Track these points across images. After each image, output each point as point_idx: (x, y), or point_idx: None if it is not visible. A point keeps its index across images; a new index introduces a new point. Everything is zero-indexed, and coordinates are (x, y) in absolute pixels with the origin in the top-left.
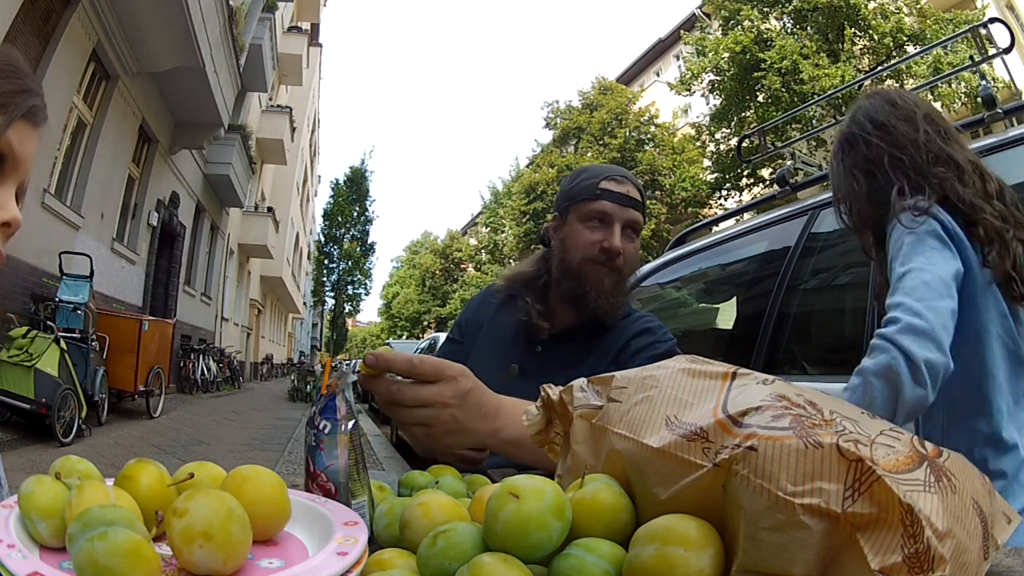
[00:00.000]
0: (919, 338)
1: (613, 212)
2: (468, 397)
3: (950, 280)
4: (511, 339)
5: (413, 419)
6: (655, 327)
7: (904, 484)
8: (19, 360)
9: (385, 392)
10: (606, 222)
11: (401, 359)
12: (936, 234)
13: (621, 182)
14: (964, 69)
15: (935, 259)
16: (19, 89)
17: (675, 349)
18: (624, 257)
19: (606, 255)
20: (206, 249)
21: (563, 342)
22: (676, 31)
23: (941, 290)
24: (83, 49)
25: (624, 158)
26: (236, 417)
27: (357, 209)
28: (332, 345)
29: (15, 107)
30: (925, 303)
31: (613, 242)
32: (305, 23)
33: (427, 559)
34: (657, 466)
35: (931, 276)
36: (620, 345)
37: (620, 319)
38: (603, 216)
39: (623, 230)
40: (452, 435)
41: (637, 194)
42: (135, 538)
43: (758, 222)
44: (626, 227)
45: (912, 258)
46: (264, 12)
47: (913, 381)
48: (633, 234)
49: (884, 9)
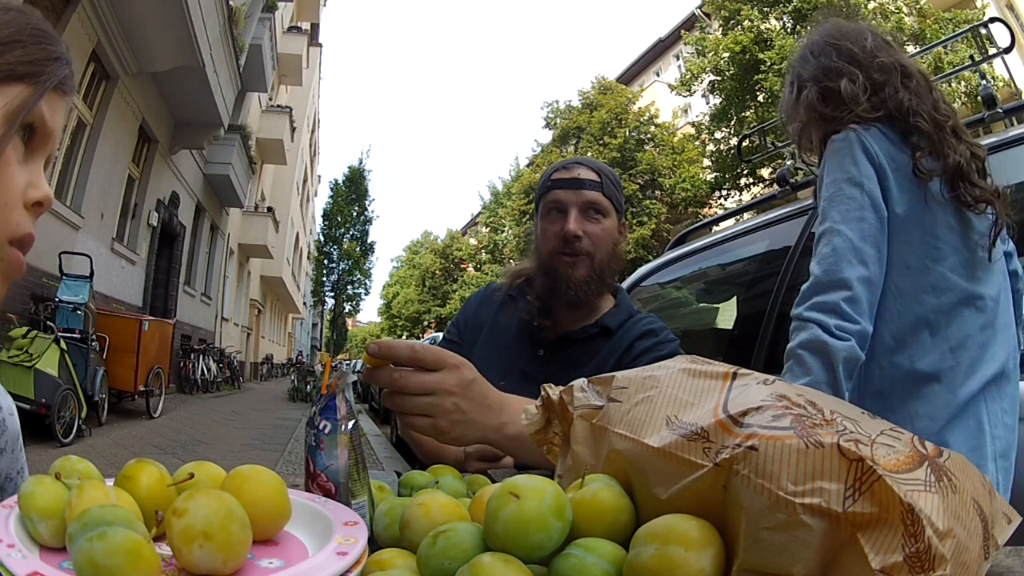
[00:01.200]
0: (829, 314)
1: (565, 198)
2: (471, 387)
3: (860, 241)
4: (513, 342)
5: (416, 408)
6: (658, 328)
7: (905, 484)
8: (19, 360)
9: (388, 380)
10: (562, 210)
11: (403, 346)
12: (852, 177)
13: (571, 168)
14: (964, 69)
15: (848, 210)
16: (51, 56)
17: (679, 351)
18: (590, 239)
19: (565, 242)
20: (206, 249)
21: (566, 345)
22: (676, 31)
23: (851, 258)
24: (83, 49)
25: (624, 158)
26: (236, 417)
27: (356, 209)
28: (332, 345)
29: (49, 76)
30: (834, 277)
31: (568, 227)
32: (305, 23)
33: (427, 559)
34: (658, 466)
35: (841, 241)
36: (624, 347)
37: (623, 321)
38: (557, 205)
39: (583, 212)
40: (457, 426)
41: (592, 174)
42: (135, 538)
43: (758, 222)
44: (585, 209)
45: (828, 214)
46: (264, 12)
47: (836, 339)
48: (597, 215)
49: (884, 9)
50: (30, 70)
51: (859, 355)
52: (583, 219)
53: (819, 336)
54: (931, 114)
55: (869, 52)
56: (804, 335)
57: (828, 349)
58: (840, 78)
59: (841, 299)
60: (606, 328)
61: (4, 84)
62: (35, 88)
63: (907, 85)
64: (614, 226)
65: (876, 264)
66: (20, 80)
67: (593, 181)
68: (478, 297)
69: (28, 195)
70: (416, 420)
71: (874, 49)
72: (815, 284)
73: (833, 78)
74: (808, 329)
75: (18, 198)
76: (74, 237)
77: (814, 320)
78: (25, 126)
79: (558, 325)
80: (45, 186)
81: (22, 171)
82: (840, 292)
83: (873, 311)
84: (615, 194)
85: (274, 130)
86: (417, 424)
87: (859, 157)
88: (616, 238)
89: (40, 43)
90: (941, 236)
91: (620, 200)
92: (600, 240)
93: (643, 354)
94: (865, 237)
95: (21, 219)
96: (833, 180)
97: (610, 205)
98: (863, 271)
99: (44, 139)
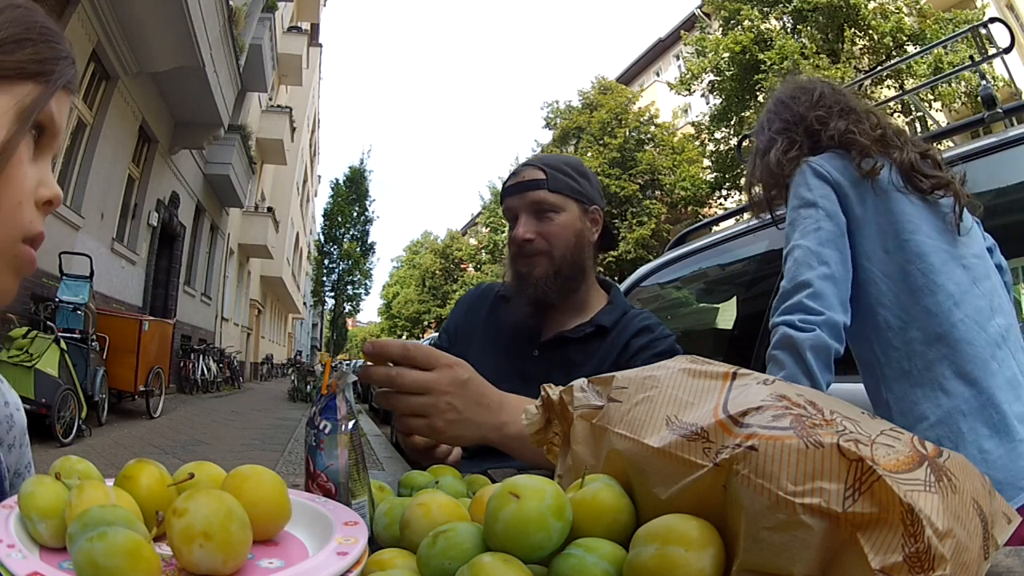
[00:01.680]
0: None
1: (514, 205)
2: (467, 386)
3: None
4: (508, 343)
5: (410, 408)
6: (653, 324)
7: (904, 484)
8: (19, 360)
9: (382, 377)
10: (514, 216)
11: (395, 344)
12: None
13: (517, 173)
14: (964, 69)
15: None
16: (59, 55)
17: (675, 346)
18: (544, 238)
19: (519, 247)
20: (206, 249)
21: (562, 345)
22: (676, 31)
23: (811, 262)
24: (83, 49)
25: (624, 158)
26: (236, 417)
27: (357, 209)
28: (332, 345)
29: (58, 76)
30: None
31: (516, 232)
32: (305, 23)
33: (427, 559)
34: (658, 466)
35: (800, 251)
36: (621, 345)
37: (618, 318)
38: (510, 212)
39: (533, 214)
40: (452, 426)
41: (537, 173)
42: (135, 538)
43: (758, 222)
44: (533, 211)
45: (790, 237)
46: (264, 12)
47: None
48: (550, 212)
49: (884, 9)
50: (41, 68)
51: (827, 342)
52: (535, 221)
53: (786, 332)
54: (867, 130)
55: (814, 103)
56: (775, 338)
57: (794, 341)
58: (786, 133)
59: (803, 296)
60: (601, 327)
61: (15, 82)
62: (45, 87)
63: (846, 116)
64: (573, 218)
65: (838, 263)
66: (31, 78)
67: (536, 180)
68: (466, 301)
69: (39, 193)
70: (412, 421)
71: (819, 99)
72: (782, 294)
73: (783, 135)
74: (778, 332)
75: (30, 196)
76: (74, 237)
77: (781, 322)
78: (35, 125)
79: (552, 325)
80: (54, 184)
81: (33, 169)
82: (802, 292)
83: (844, 303)
84: (569, 185)
85: (274, 130)
86: (413, 425)
87: (812, 182)
88: (579, 228)
89: (48, 41)
90: (908, 212)
91: (580, 189)
92: (556, 236)
93: (640, 351)
94: (823, 242)
95: (33, 217)
96: (791, 208)
97: (562, 199)
98: (824, 270)
99: (52, 137)
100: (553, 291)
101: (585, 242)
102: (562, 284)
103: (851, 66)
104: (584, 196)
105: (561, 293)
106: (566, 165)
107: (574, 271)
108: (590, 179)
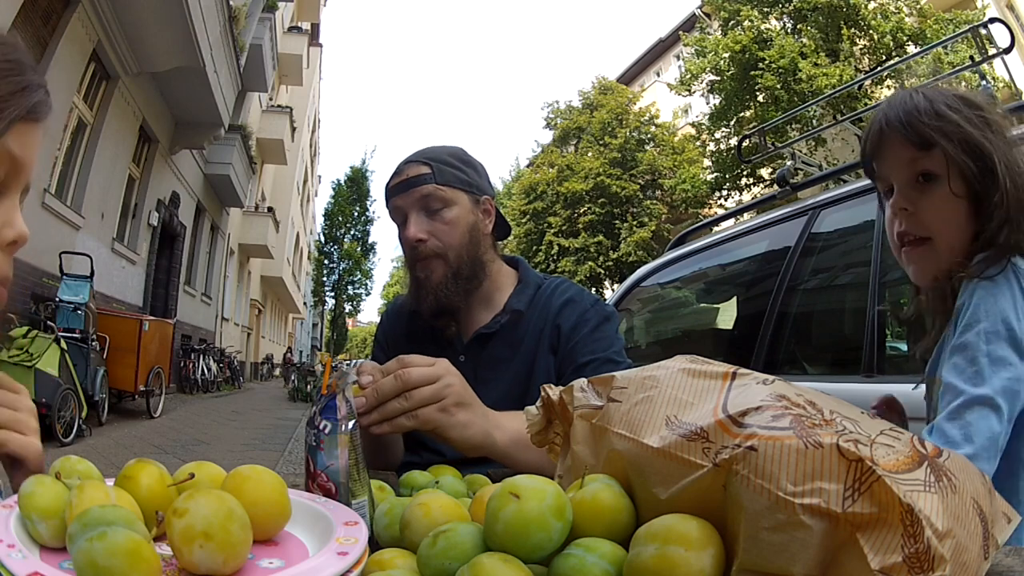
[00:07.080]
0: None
1: (401, 204)
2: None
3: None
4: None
5: (423, 398)
6: (575, 294)
7: (904, 484)
8: (19, 360)
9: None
10: (403, 217)
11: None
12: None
13: (400, 170)
14: (964, 69)
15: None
16: (17, 89)
17: (605, 309)
18: (436, 237)
19: (411, 248)
20: (206, 249)
21: (483, 342)
22: (676, 31)
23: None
24: (83, 49)
25: (624, 158)
26: (236, 417)
27: (358, 209)
28: (332, 345)
29: (14, 107)
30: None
31: (408, 233)
32: (305, 23)
33: (427, 559)
34: (657, 466)
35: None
36: (549, 328)
37: (531, 296)
38: (398, 213)
39: (421, 212)
40: (464, 409)
41: (421, 167)
42: (135, 538)
43: (758, 222)
44: (423, 208)
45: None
46: (264, 12)
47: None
48: (441, 208)
49: (884, 9)
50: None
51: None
52: (426, 219)
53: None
54: None
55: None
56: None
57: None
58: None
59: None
60: (516, 311)
61: None
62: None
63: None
64: (465, 211)
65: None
66: None
67: (422, 175)
68: (388, 315)
69: (3, 235)
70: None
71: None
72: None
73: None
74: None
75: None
76: (74, 237)
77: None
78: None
79: (469, 324)
80: (20, 223)
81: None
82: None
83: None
84: (456, 177)
85: (274, 130)
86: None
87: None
88: (472, 221)
89: (7, 77)
90: None
91: (468, 179)
92: (448, 233)
93: (575, 330)
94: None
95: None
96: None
97: (452, 191)
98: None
99: (16, 173)
100: (455, 295)
101: (480, 235)
102: (463, 286)
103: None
104: (473, 186)
105: (464, 294)
106: (450, 156)
107: (473, 269)
108: (476, 168)
